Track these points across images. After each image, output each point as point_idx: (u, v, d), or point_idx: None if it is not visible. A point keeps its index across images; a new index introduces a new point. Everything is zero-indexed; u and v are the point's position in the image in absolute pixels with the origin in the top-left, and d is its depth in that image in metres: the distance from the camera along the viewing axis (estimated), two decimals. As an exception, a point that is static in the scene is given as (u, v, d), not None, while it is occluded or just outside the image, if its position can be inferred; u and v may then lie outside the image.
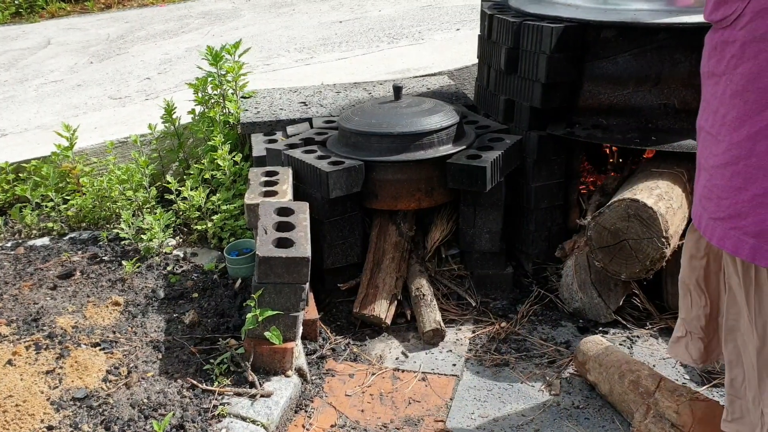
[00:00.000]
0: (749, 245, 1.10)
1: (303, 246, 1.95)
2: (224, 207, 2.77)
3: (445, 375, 2.19)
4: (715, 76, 1.18)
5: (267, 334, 1.97)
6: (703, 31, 1.33)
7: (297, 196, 2.41)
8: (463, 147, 2.48)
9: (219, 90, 3.17)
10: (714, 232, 1.17)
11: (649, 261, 2.14)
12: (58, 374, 2.01)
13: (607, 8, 2.36)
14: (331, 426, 1.99)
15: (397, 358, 2.28)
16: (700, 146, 1.30)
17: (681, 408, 1.78)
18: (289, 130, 2.87)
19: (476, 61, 3.00)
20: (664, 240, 2.10)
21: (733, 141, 1.12)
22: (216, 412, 1.86)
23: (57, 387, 1.96)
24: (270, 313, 1.95)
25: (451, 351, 2.30)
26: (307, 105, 3.14)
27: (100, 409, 1.88)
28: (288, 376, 2.02)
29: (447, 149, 2.45)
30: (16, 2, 7.35)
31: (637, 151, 2.63)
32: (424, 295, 2.40)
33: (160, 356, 2.10)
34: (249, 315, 1.96)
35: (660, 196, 2.17)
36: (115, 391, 1.95)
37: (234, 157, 2.89)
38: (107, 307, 2.33)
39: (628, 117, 2.40)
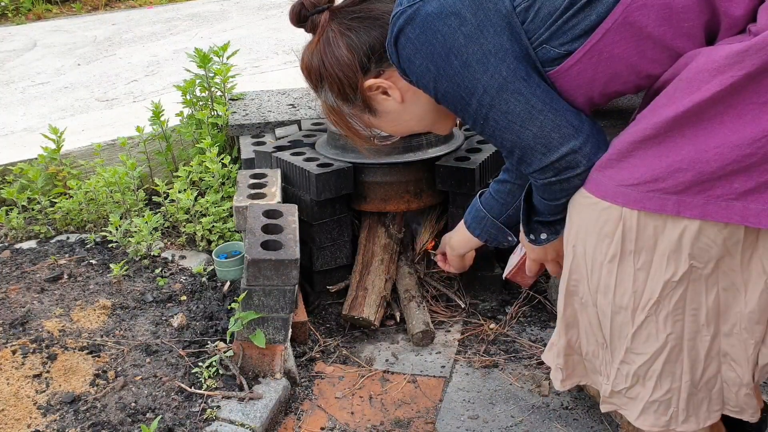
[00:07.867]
0: (672, 201, 1.23)
1: (292, 248, 1.94)
2: (213, 209, 2.76)
3: (435, 377, 2.19)
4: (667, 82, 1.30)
5: (253, 337, 1.96)
6: None
7: (286, 198, 2.40)
8: (452, 149, 2.49)
9: (207, 92, 3.16)
10: (629, 196, 1.27)
11: (637, 262, 2.15)
12: (45, 378, 1.99)
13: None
14: (321, 428, 1.98)
15: (386, 360, 2.28)
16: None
17: (668, 408, 1.79)
18: (278, 132, 2.87)
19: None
20: (651, 241, 2.12)
21: (654, 120, 1.25)
22: (205, 416, 1.86)
23: (44, 391, 1.94)
24: (257, 315, 1.95)
25: (440, 353, 2.30)
26: (295, 107, 3.14)
27: (88, 414, 1.87)
28: (277, 379, 2.02)
29: (436, 151, 2.46)
30: (1, 4, 7.29)
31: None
32: (413, 296, 2.41)
33: (148, 360, 2.09)
34: (236, 317, 1.96)
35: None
36: (103, 395, 1.94)
37: (222, 159, 2.88)
38: (95, 310, 2.32)
39: (615, 118, 2.40)
